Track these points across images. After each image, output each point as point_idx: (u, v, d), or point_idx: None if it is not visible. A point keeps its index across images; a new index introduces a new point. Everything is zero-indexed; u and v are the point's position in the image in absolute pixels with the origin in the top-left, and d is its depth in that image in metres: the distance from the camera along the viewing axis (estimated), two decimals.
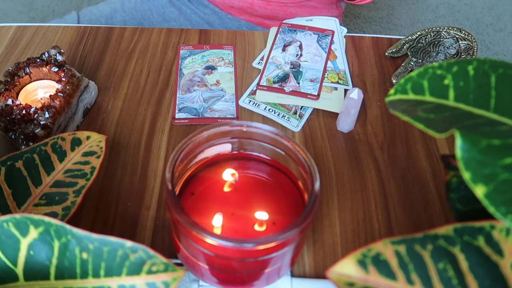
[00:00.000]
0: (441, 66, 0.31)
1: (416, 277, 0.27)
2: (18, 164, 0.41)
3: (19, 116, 0.48)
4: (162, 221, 0.47)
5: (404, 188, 0.50)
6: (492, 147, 0.25)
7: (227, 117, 0.56)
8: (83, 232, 0.30)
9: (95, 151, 0.44)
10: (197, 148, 0.40)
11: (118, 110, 0.56)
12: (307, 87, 0.58)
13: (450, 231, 0.27)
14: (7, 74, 0.52)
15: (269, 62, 0.61)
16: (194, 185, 0.41)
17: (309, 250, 0.45)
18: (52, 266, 0.31)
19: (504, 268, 0.26)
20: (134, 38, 0.65)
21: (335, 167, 0.51)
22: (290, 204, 0.40)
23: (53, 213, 0.39)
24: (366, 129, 0.55)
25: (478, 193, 0.24)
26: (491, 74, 0.29)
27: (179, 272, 0.30)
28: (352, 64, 0.62)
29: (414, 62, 0.61)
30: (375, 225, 0.47)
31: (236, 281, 0.39)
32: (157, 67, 0.62)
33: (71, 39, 0.65)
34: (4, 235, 0.31)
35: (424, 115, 0.29)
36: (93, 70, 0.61)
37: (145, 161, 0.51)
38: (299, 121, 0.55)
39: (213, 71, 0.61)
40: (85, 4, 1.75)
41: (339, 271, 0.27)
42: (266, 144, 0.41)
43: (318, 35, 0.64)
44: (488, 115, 0.28)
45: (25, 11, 1.71)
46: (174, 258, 0.42)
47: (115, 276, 0.30)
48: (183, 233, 0.35)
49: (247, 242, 0.32)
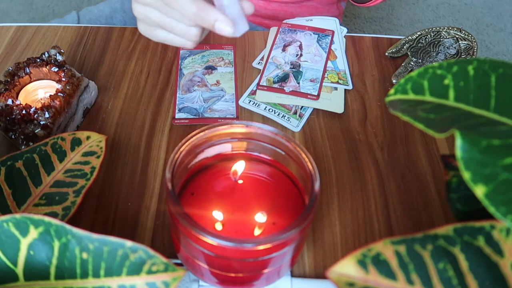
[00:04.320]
0: (441, 66, 0.31)
1: (416, 277, 0.27)
2: (18, 164, 0.42)
3: (19, 116, 0.48)
4: (162, 221, 0.47)
5: (404, 188, 0.50)
6: (492, 147, 0.25)
7: (227, 117, 0.56)
8: (83, 232, 0.30)
9: (95, 151, 0.44)
10: (197, 148, 0.40)
11: (118, 110, 0.56)
12: (307, 87, 0.58)
13: (450, 231, 0.27)
14: (7, 74, 0.52)
15: (269, 62, 0.61)
16: (194, 185, 0.41)
17: (309, 250, 0.45)
18: (52, 266, 0.31)
19: (504, 268, 0.26)
20: (134, 38, 0.65)
21: (335, 167, 0.51)
22: (290, 204, 0.40)
23: (53, 213, 0.39)
24: (366, 129, 0.55)
25: (478, 193, 0.24)
26: (491, 74, 0.29)
27: (179, 272, 0.30)
28: (352, 64, 0.62)
29: (414, 62, 0.61)
30: (375, 225, 0.47)
31: (236, 281, 0.39)
32: (157, 67, 0.62)
33: (71, 39, 0.65)
34: (4, 235, 0.31)
35: (424, 115, 0.29)
36: (93, 70, 0.61)
37: (145, 161, 0.51)
38: (299, 121, 0.55)
39: (213, 71, 0.61)
40: (85, 4, 1.75)
41: (339, 271, 0.27)
42: (266, 144, 0.41)
43: (318, 35, 0.64)
44: (488, 115, 0.28)
45: (25, 11, 1.71)
46: (174, 258, 0.42)
47: (115, 276, 0.30)
48: (183, 233, 0.35)
49: (247, 242, 0.32)
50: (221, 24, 0.34)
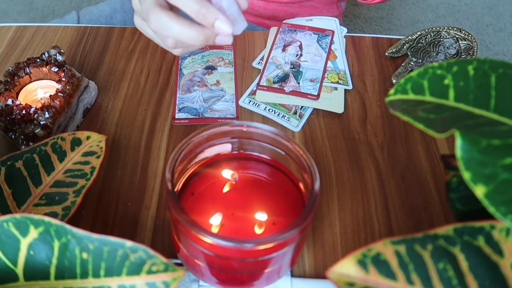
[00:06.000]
0: (441, 66, 0.31)
1: (416, 277, 0.27)
2: (18, 164, 0.42)
3: (19, 116, 0.48)
4: (162, 221, 0.47)
5: (404, 188, 0.50)
6: (492, 147, 0.25)
7: (227, 117, 0.56)
8: (83, 232, 0.30)
9: (95, 151, 0.44)
10: (197, 148, 0.40)
11: (118, 110, 0.56)
12: (307, 87, 0.58)
13: (450, 231, 0.27)
14: (7, 74, 0.52)
15: (269, 62, 0.61)
16: (194, 185, 0.41)
17: (309, 250, 0.45)
18: (52, 266, 0.31)
19: (504, 268, 0.26)
20: (134, 38, 0.65)
21: (335, 167, 0.51)
22: (290, 204, 0.40)
23: (53, 213, 0.39)
24: (366, 129, 0.55)
25: (478, 193, 0.24)
26: (491, 74, 0.29)
27: (179, 272, 0.30)
28: (352, 64, 0.62)
29: (414, 62, 0.61)
30: (375, 225, 0.47)
31: (236, 281, 0.39)
32: (157, 67, 0.62)
33: (71, 39, 0.65)
34: (4, 235, 0.31)
35: (424, 115, 0.29)
36: (93, 70, 0.61)
37: (145, 161, 0.51)
38: (299, 121, 0.55)
39: (213, 71, 0.61)
40: (85, 4, 1.75)
41: (339, 271, 0.27)
42: (266, 144, 0.41)
43: (318, 35, 0.64)
44: (488, 115, 0.28)
45: (25, 11, 1.71)
46: (174, 258, 0.42)
47: (115, 276, 0.30)
48: (183, 233, 0.35)
49: (247, 242, 0.32)
50: (221, 23, 0.34)
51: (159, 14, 0.35)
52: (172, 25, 0.35)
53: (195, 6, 0.34)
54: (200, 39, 0.35)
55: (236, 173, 0.41)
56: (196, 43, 0.36)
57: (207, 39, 0.36)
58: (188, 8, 0.34)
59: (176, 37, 0.36)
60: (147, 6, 0.36)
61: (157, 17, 0.35)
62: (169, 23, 0.35)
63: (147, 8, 0.36)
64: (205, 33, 0.35)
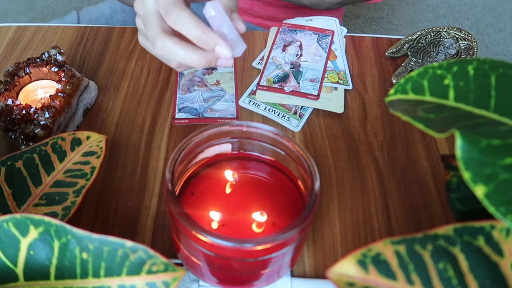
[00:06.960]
0: (441, 66, 0.31)
1: (416, 277, 0.27)
2: (18, 164, 0.42)
3: (19, 116, 0.48)
4: (162, 221, 0.47)
5: (404, 188, 0.50)
6: (492, 147, 0.25)
7: (227, 117, 0.56)
8: (83, 232, 0.30)
9: (95, 151, 0.44)
10: (197, 148, 0.40)
11: (118, 110, 0.56)
12: (307, 87, 0.58)
13: (450, 231, 0.27)
14: (7, 74, 0.52)
15: (269, 62, 0.61)
16: (194, 185, 0.41)
17: (309, 250, 0.45)
18: (52, 266, 0.31)
19: (504, 268, 0.26)
20: (134, 38, 0.65)
21: (335, 167, 0.51)
22: (290, 204, 0.40)
23: (53, 213, 0.39)
24: (366, 129, 0.55)
25: (478, 193, 0.24)
26: (491, 74, 0.29)
27: (179, 272, 0.30)
28: (352, 64, 0.62)
29: (414, 62, 0.61)
30: (375, 225, 0.47)
31: (236, 281, 0.39)
32: (157, 67, 0.62)
33: (71, 39, 0.65)
34: (4, 235, 0.31)
35: (424, 115, 0.29)
36: (93, 70, 0.61)
37: (145, 161, 0.51)
38: (299, 121, 0.55)
39: (213, 71, 0.61)
40: (85, 4, 1.75)
41: (339, 271, 0.27)
42: (266, 144, 0.41)
43: (318, 35, 0.64)
44: (488, 115, 0.28)
45: (25, 11, 1.71)
46: (174, 258, 0.42)
47: (115, 276, 0.30)
48: (183, 233, 0.35)
49: (247, 242, 0.32)
50: (221, 47, 0.37)
51: (164, 40, 0.38)
52: (176, 50, 0.37)
53: (197, 32, 0.36)
54: (202, 63, 0.38)
55: (236, 173, 0.41)
56: (199, 66, 0.38)
57: (209, 62, 0.38)
58: (190, 34, 0.37)
59: (180, 61, 0.38)
60: (153, 33, 0.38)
61: (163, 43, 0.38)
62: (173, 48, 0.37)
63: (153, 35, 0.38)
64: (207, 57, 0.38)
